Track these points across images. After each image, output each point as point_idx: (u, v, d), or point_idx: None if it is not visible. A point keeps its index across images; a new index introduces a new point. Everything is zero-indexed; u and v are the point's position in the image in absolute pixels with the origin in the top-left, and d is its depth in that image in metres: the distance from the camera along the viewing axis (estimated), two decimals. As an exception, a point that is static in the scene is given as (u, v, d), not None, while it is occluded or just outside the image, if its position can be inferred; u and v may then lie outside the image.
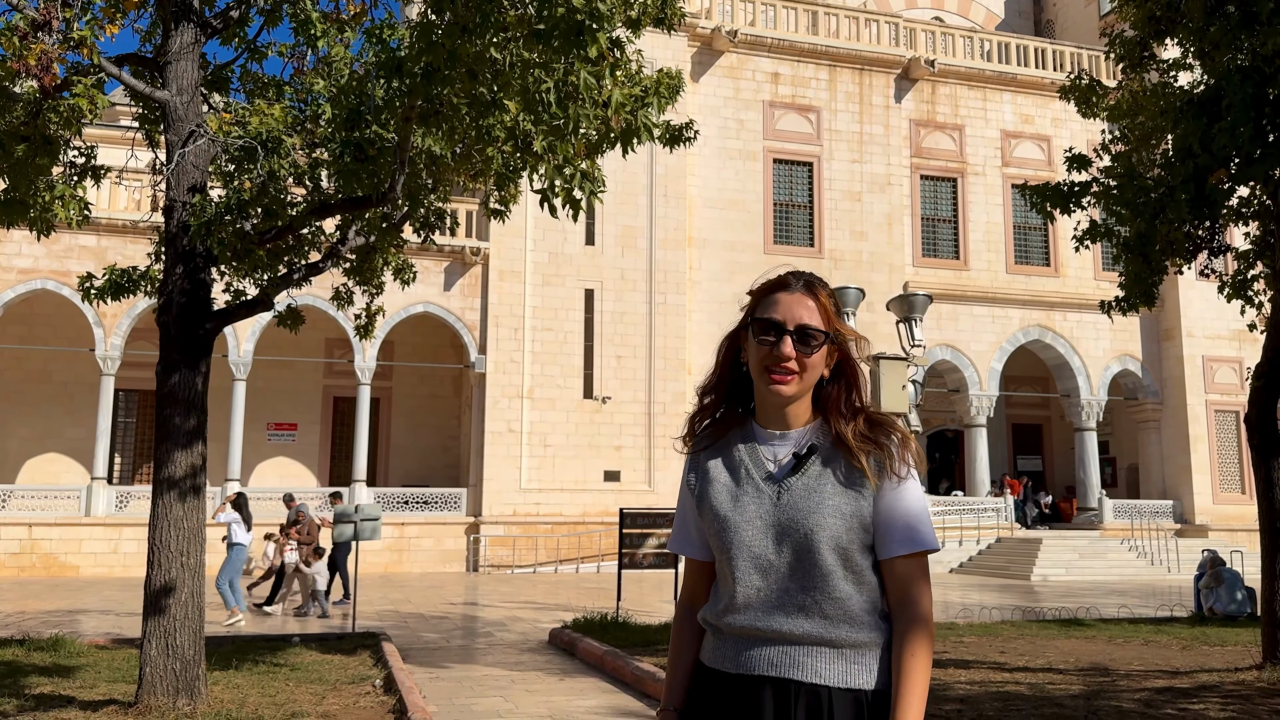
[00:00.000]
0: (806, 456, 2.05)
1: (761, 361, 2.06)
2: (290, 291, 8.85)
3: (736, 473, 2.09)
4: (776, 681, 1.97)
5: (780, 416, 2.10)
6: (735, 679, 2.02)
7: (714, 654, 2.08)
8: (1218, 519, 30.26)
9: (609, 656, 10.03)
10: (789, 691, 1.96)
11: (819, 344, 2.06)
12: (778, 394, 2.05)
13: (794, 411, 2.10)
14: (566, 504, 26.22)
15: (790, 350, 2.04)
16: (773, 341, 2.05)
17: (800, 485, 2.02)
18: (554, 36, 5.81)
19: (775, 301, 2.09)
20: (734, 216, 28.88)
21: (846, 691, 1.96)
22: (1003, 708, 7.72)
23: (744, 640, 2.02)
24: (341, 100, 7.49)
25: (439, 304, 26.49)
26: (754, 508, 2.04)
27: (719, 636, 2.08)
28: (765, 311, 2.08)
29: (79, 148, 8.86)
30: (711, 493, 2.09)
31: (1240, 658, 10.60)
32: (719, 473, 2.11)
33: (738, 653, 2.03)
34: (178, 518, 7.53)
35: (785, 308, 2.07)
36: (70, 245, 24.01)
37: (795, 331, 2.05)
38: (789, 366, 2.04)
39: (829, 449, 2.06)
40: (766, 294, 2.12)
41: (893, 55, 30.51)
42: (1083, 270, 31.61)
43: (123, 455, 27.74)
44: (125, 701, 7.53)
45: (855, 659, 1.99)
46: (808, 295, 2.09)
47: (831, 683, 1.96)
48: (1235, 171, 9.32)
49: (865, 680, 1.98)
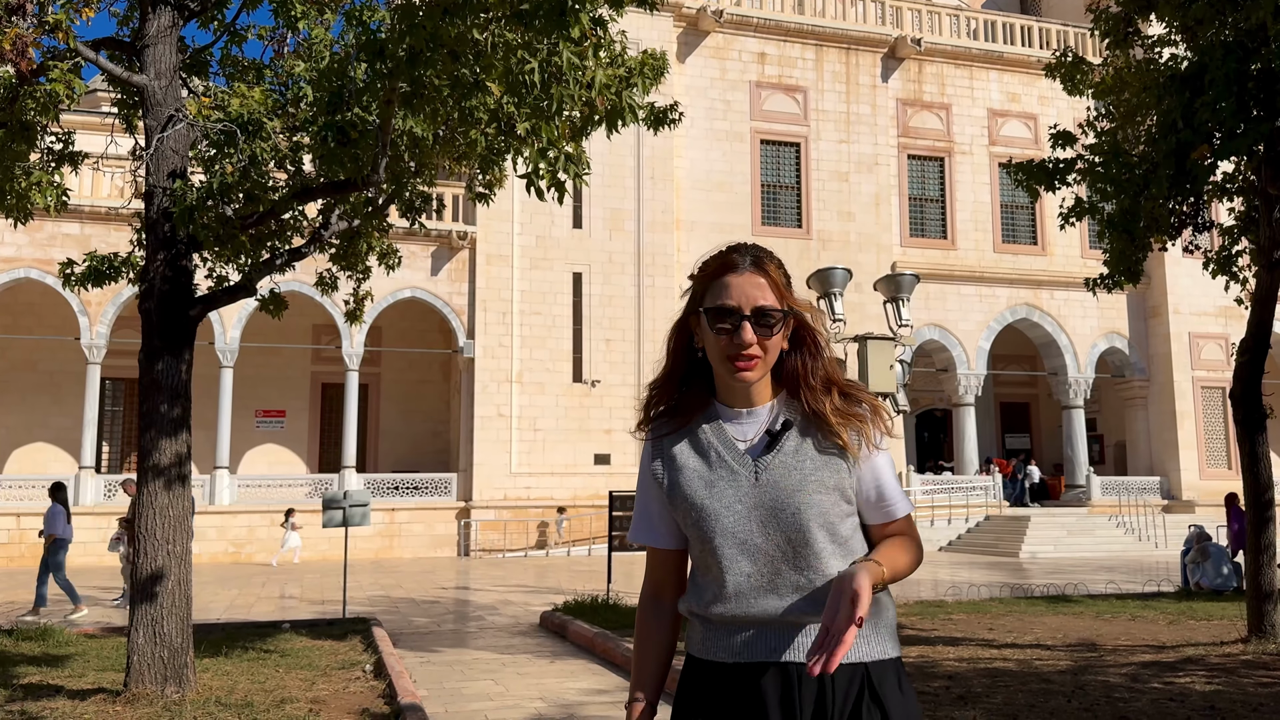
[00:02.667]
0: (781, 433, 1.99)
1: (722, 351, 1.97)
2: (274, 277, 8.79)
3: (707, 456, 2.01)
4: (776, 666, 1.93)
5: (744, 394, 2.03)
6: (733, 668, 1.96)
7: (705, 645, 2.02)
8: (1204, 494, 30.46)
9: (599, 639, 10.05)
10: (791, 675, 1.92)
11: (778, 323, 1.98)
12: (745, 380, 1.98)
13: (758, 389, 2.03)
14: (557, 488, 26.24)
15: (751, 336, 1.95)
16: (730, 330, 1.96)
17: (779, 463, 1.96)
18: (537, 16, 5.76)
19: (726, 286, 1.98)
20: (722, 198, 28.82)
21: (845, 667, 1.92)
22: (991, 684, 7.76)
23: (737, 627, 1.97)
24: (323, 83, 7.42)
25: (426, 289, 26.40)
26: (732, 492, 1.97)
27: (708, 627, 2.02)
28: (718, 298, 1.98)
29: (56, 134, 8.77)
30: (683, 480, 2.02)
31: (1226, 632, 10.68)
32: (687, 458, 2.03)
33: (732, 641, 1.97)
34: (163, 506, 7.50)
35: (738, 291, 1.97)
36: (54, 233, 23.83)
37: (752, 315, 1.95)
38: (752, 353, 1.96)
39: (802, 422, 2.00)
40: (714, 277, 2.01)
41: (879, 34, 30.42)
42: (1070, 249, 31.67)
43: (110, 444, 27.63)
44: (114, 690, 7.51)
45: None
46: (757, 273, 1.99)
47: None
48: (1218, 147, 9.32)
49: (863, 652, 1.94)
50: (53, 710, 6.94)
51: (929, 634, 10.54)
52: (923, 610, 12.24)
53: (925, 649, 9.53)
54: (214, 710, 6.91)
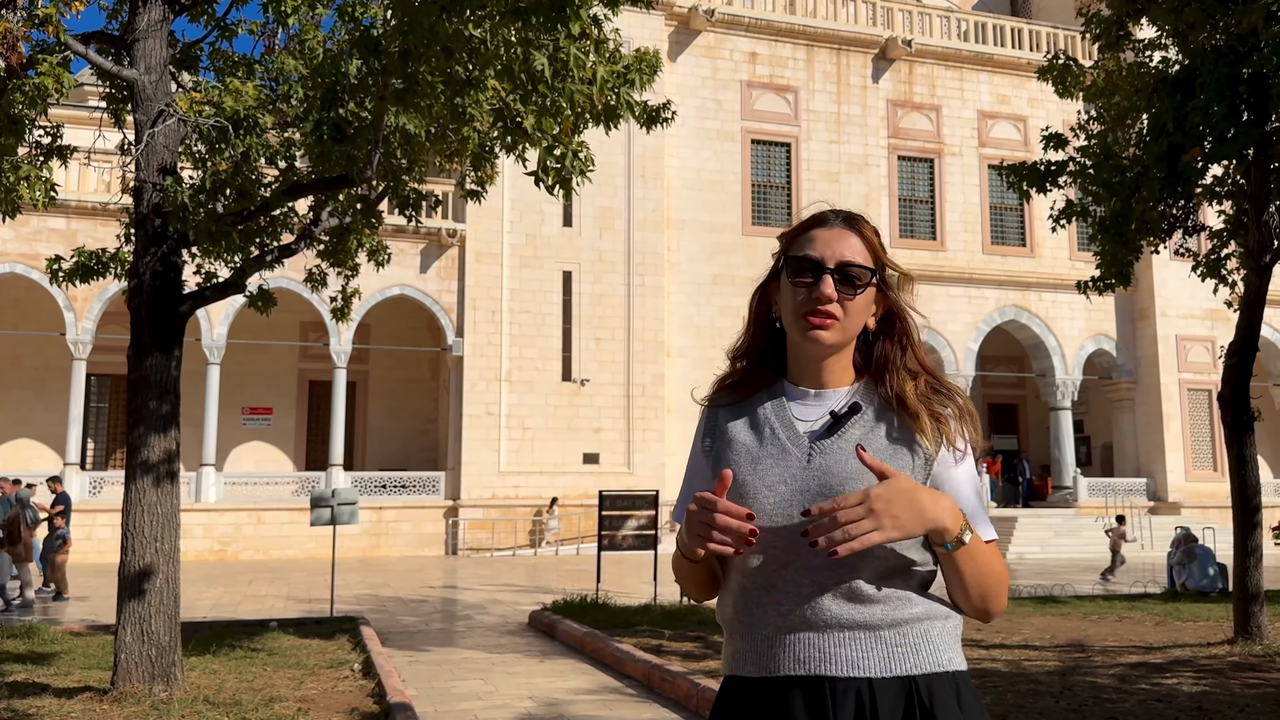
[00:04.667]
0: (847, 416, 1.79)
1: (798, 307, 1.80)
2: (263, 274, 8.75)
3: (760, 432, 1.82)
4: (807, 680, 1.70)
5: (817, 372, 1.84)
6: (759, 683, 1.74)
7: (734, 659, 1.81)
8: (1190, 496, 30.63)
9: (589, 638, 10.03)
10: (823, 691, 1.69)
11: (864, 284, 1.79)
12: (817, 340, 1.79)
13: (832, 367, 1.84)
14: (545, 486, 26.20)
15: (832, 291, 1.77)
16: (810, 283, 1.79)
17: (838, 448, 1.76)
18: (535, 12, 5.73)
19: (812, 239, 1.82)
20: (712, 198, 28.82)
21: (891, 681, 1.69)
22: (980, 685, 7.78)
23: (765, 634, 1.75)
24: (317, 79, 7.38)
25: (415, 286, 26.32)
26: (777, 471, 1.77)
27: (736, 636, 1.81)
28: (801, 249, 1.82)
29: (45, 127, 8.70)
30: (730, 455, 1.82)
31: (1213, 633, 10.73)
32: (740, 432, 1.84)
33: (759, 651, 1.75)
34: (151, 503, 7.45)
35: (824, 244, 1.80)
36: (39, 228, 23.66)
37: (836, 269, 1.78)
38: (829, 310, 1.78)
39: (877, 409, 1.81)
40: (801, 233, 1.85)
41: (870, 35, 30.46)
42: (1058, 250, 31.79)
43: (96, 441, 27.46)
44: (101, 688, 7.45)
45: (897, 641, 1.71)
46: (849, 230, 1.83)
47: (871, 673, 1.69)
48: (1209, 150, 9.36)
49: (912, 664, 1.70)
50: (39, 709, 6.89)
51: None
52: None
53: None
54: (202, 709, 6.87)
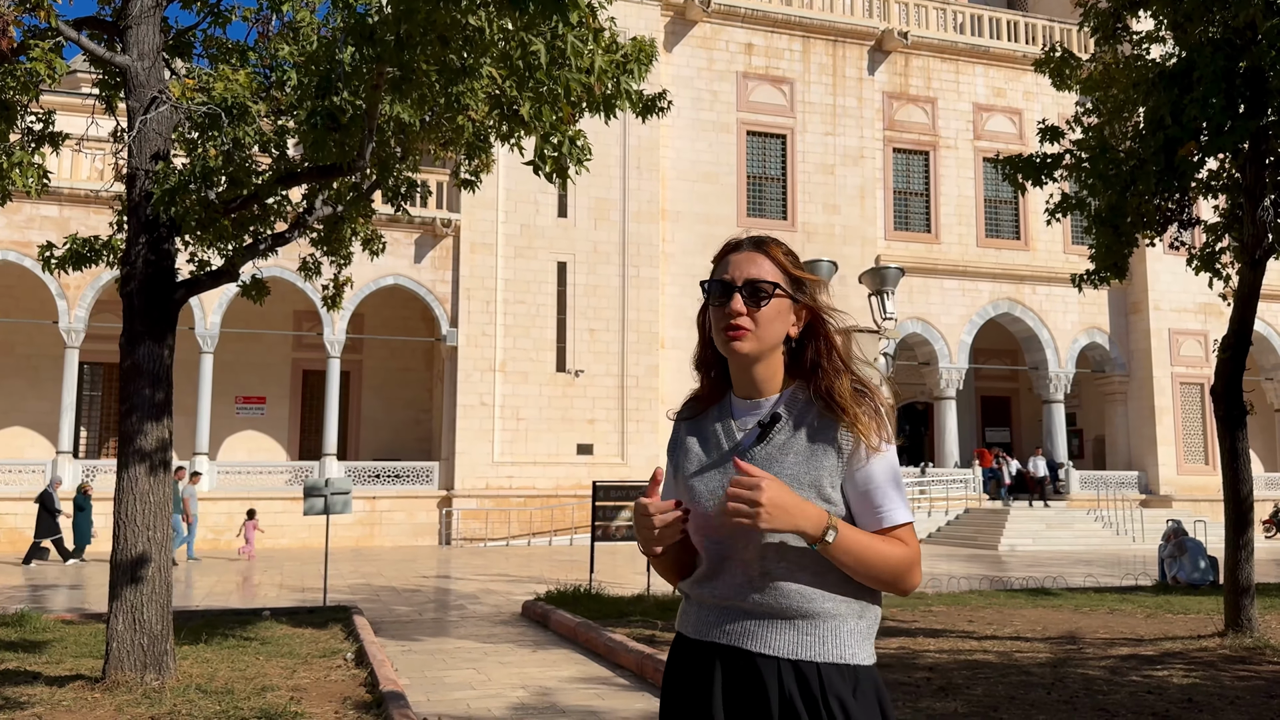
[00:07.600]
0: (770, 425, 2.03)
1: (718, 323, 2.06)
2: (256, 262, 8.71)
3: (708, 444, 2.11)
4: (729, 650, 1.99)
5: (750, 382, 2.09)
6: (694, 644, 2.05)
7: (682, 619, 2.12)
8: (1182, 489, 30.74)
9: (582, 628, 10.04)
10: (739, 660, 1.97)
11: (768, 295, 2.03)
12: (736, 351, 2.04)
13: (762, 374, 2.08)
14: (539, 477, 26.20)
15: (740, 306, 2.02)
16: (724, 301, 2.05)
17: (763, 456, 2.01)
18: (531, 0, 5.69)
19: (726, 263, 2.09)
20: (707, 189, 28.78)
21: (797, 664, 1.94)
22: (971, 676, 7.80)
23: (706, 608, 2.05)
24: (311, 67, 7.33)
25: (409, 276, 26.26)
26: (718, 478, 2.04)
27: (688, 603, 2.12)
28: (717, 274, 2.09)
29: (37, 113, 8.64)
30: (685, 465, 2.11)
31: (1203, 625, 10.77)
32: (693, 444, 2.13)
33: (700, 620, 2.05)
34: (144, 492, 7.42)
35: (735, 266, 2.07)
36: (32, 215, 23.55)
37: (744, 286, 2.03)
38: (740, 323, 2.02)
39: (798, 414, 2.04)
40: (719, 259, 2.13)
41: (866, 27, 30.41)
42: (1052, 244, 31.83)
43: (88, 429, 27.38)
44: (92, 677, 7.44)
45: (809, 630, 1.96)
46: (756, 251, 2.08)
47: (781, 654, 1.95)
48: (1205, 143, 9.36)
49: (817, 653, 1.94)
50: (31, 696, 6.87)
51: (910, 625, 10.58)
52: (903, 602, 12.29)
53: (906, 640, 9.57)
54: (194, 698, 6.86)
